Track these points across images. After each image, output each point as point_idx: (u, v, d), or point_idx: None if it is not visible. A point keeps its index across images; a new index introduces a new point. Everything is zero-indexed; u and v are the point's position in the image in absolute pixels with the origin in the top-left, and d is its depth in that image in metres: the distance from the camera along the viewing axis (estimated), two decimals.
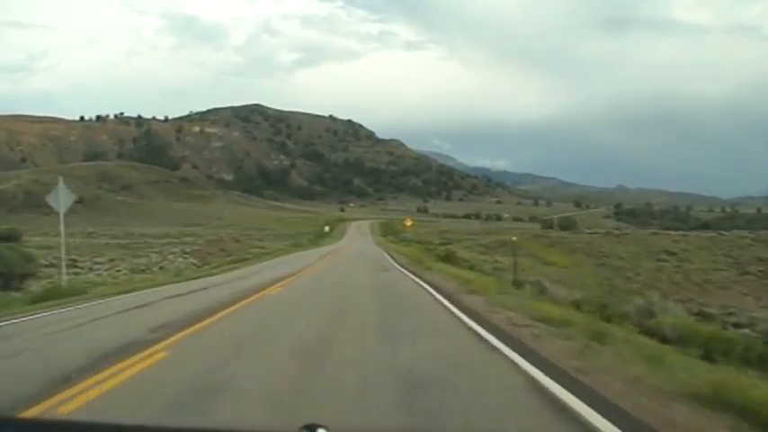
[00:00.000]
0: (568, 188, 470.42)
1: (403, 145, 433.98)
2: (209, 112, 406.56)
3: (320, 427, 1.99)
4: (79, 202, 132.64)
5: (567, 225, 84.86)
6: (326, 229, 69.18)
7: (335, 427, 1.98)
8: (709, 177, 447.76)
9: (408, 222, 62.05)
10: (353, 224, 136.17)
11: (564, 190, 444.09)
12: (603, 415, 4.72)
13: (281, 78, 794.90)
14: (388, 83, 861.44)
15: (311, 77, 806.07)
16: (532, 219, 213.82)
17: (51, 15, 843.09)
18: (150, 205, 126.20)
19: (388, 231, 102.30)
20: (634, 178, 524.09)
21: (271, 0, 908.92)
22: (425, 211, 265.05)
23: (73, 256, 34.96)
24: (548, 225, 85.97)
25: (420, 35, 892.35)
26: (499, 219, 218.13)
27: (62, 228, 18.86)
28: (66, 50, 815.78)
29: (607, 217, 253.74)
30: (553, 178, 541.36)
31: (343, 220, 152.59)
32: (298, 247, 60.82)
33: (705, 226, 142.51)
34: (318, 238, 79.69)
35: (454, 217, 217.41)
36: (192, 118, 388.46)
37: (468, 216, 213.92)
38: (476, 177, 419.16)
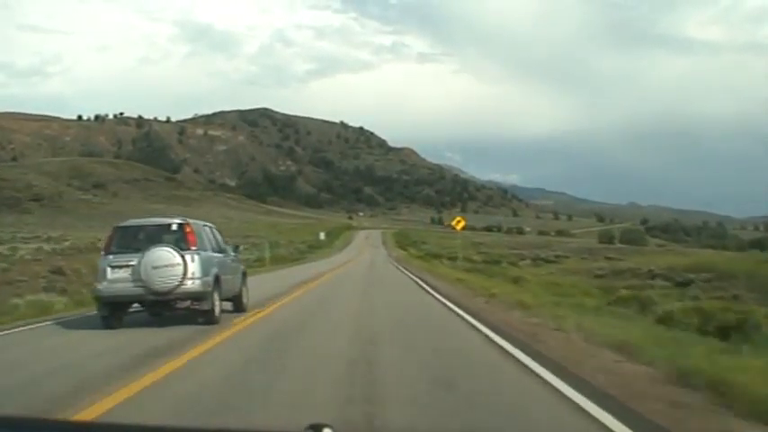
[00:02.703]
0: (580, 204, 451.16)
1: (416, 154, 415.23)
2: (214, 115, 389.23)
3: (325, 426, 1.96)
4: (36, 200, 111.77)
5: (635, 239, 65.24)
6: (322, 236, 49.45)
7: (340, 427, 1.92)
8: (723, 196, 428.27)
9: (460, 224, 40.00)
10: (362, 233, 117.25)
11: (576, 205, 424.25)
12: None
13: (294, 88, 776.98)
14: (401, 95, 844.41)
15: (324, 88, 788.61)
16: (559, 233, 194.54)
17: (67, 20, 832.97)
18: (120, 205, 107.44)
19: (406, 243, 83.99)
20: (646, 195, 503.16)
21: (284, 10, 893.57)
22: (440, 222, 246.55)
23: None
24: (607, 239, 67.16)
25: (433, 48, 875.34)
26: (521, 232, 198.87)
27: None
28: (80, 55, 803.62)
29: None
30: (564, 193, 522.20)
31: (350, 228, 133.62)
32: (256, 264, 38.11)
33: (758, 245, 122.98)
34: (311, 250, 60.62)
35: (473, 229, 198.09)
36: (196, 121, 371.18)
37: (489, 229, 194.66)
38: (491, 189, 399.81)
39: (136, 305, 12.06)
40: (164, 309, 12.05)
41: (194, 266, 11.45)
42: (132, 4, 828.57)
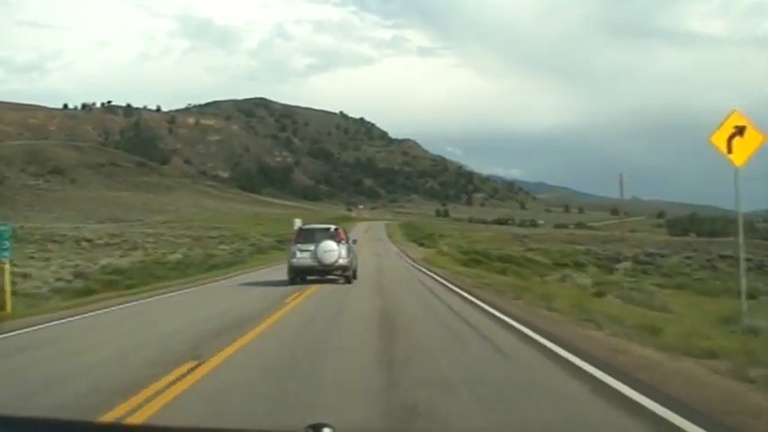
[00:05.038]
0: (583, 198, 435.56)
1: (418, 146, 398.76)
2: (208, 104, 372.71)
3: (325, 426, 1.95)
4: None
5: (715, 230, 49.11)
6: (298, 224, 34.97)
7: (340, 426, 1.92)
8: (725, 190, 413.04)
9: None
10: (361, 225, 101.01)
11: (578, 199, 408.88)
12: None
13: (294, 83, 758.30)
14: (401, 89, 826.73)
15: (325, 82, 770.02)
16: (579, 225, 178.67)
17: (66, 16, 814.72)
18: (73, 193, 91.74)
19: (420, 236, 68.70)
20: (648, 189, 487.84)
21: (284, 4, 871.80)
22: (446, 215, 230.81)
23: None
24: (681, 230, 51.58)
25: (434, 42, 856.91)
26: (534, 225, 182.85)
27: None
28: (79, 51, 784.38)
29: (659, 226, 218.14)
30: (567, 188, 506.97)
31: (348, 219, 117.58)
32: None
33: None
34: (281, 245, 45.79)
35: (483, 222, 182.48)
36: (190, 111, 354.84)
37: (501, 222, 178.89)
38: (496, 182, 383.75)
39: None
40: (327, 274, 21.22)
41: (343, 251, 21.12)
42: None
